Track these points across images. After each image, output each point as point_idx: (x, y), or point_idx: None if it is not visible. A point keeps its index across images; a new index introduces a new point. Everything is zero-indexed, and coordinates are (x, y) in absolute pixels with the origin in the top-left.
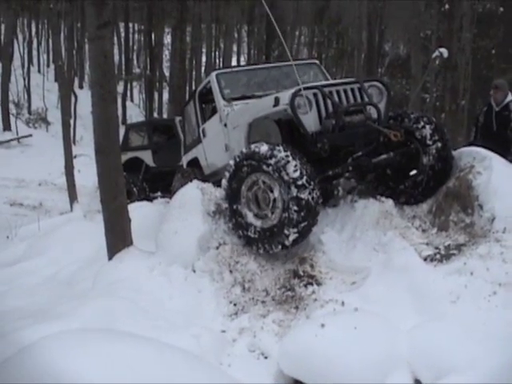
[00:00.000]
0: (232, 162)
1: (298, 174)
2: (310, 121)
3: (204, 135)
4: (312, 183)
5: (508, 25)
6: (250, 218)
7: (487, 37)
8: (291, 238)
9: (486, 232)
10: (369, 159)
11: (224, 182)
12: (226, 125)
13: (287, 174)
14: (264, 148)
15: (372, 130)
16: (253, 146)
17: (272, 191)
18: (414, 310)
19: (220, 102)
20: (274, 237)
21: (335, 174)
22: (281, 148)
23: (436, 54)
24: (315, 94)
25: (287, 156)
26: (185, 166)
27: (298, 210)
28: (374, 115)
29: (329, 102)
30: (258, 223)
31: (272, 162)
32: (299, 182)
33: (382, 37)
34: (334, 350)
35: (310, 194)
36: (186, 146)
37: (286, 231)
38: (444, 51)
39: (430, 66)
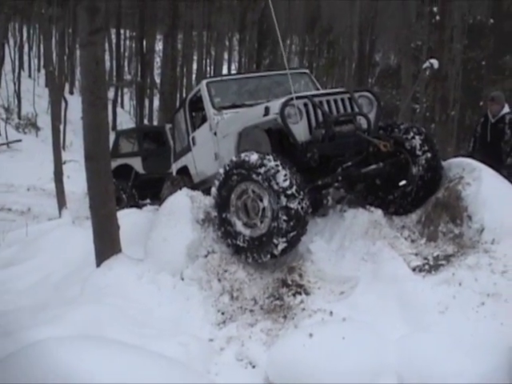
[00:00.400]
0: (222, 171)
1: (287, 183)
2: (299, 130)
3: (194, 143)
4: (301, 193)
5: (498, 36)
6: (239, 226)
7: (477, 48)
8: (280, 247)
9: (475, 243)
10: (358, 169)
11: (213, 190)
12: (215, 133)
13: (277, 184)
14: (254, 157)
15: (362, 140)
16: (243, 155)
17: (261, 200)
18: (403, 320)
19: (210, 110)
20: (262, 246)
21: (325, 184)
22: (271, 157)
23: (426, 64)
24: (305, 104)
25: (277, 165)
26: (174, 174)
27: (287, 219)
28: (364, 125)
29: (319, 111)
30: (246, 232)
31: (262, 171)
32: (289, 192)
33: (373, 47)
34: (321, 359)
35: (299, 203)
36: (176, 154)
37: (274, 240)
38: (434, 62)
39: (420, 77)
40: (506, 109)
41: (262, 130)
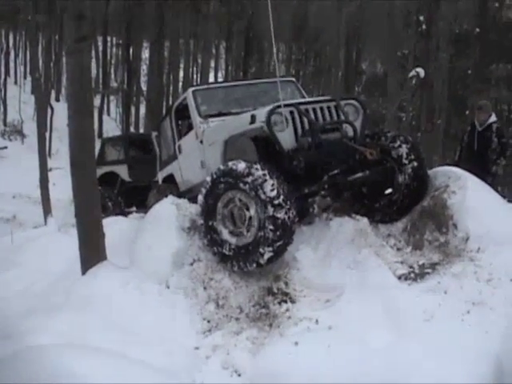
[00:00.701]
0: (209, 179)
1: (274, 193)
2: (285, 138)
3: (180, 151)
4: (288, 203)
5: (484, 45)
6: (225, 234)
7: (464, 57)
8: (266, 256)
9: (460, 251)
10: (344, 177)
11: (200, 198)
12: (202, 141)
13: (264, 193)
14: (241, 166)
15: (348, 147)
16: (230, 164)
17: (248, 209)
18: (388, 329)
19: (196, 118)
20: (248, 255)
21: (311, 192)
22: (258, 166)
23: (413, 73)
24: (291, 112)
25: (264, 175)
26: (160, 182)
27: (273, 229)
28: (351, 133)
29: (305, 119)
30: (233, 240)
31: (249, 180)
32: (276, 202)
33: (360, 55)
34: (307, 368)
35: (286, 213)
36: (162, 162)
37: (261, 250)
38: (421, 71)
39: (406, 85)
40: (493, 117)
41: (249, 138)
